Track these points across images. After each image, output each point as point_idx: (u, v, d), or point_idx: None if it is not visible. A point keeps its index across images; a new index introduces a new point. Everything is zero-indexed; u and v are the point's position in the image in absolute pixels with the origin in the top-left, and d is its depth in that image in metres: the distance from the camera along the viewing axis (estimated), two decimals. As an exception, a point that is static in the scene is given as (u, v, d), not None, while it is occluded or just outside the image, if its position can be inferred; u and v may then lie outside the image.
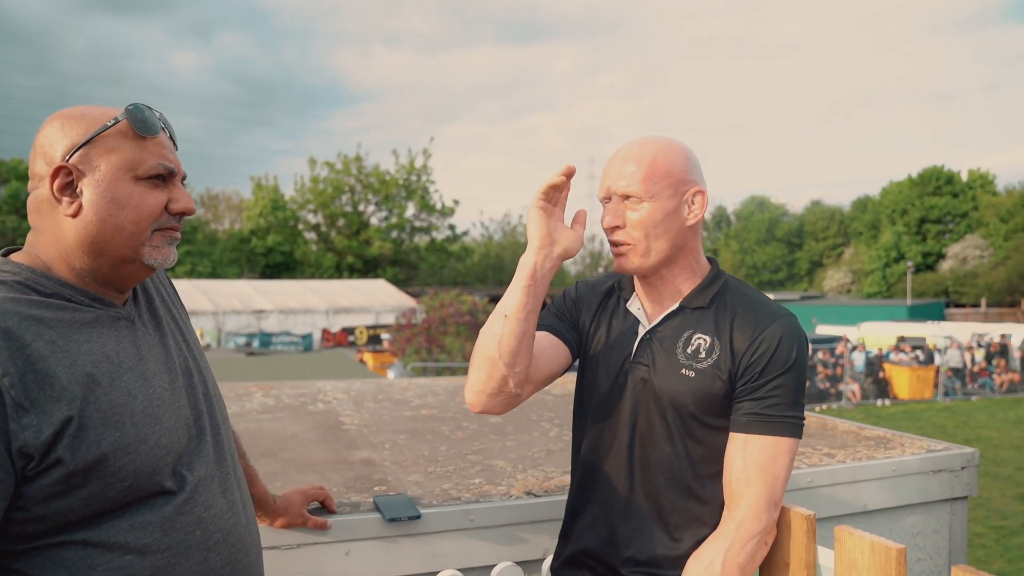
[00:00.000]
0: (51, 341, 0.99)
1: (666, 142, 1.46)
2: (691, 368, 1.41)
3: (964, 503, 2.47)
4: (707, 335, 1.43)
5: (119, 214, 1.07)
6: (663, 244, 1.43)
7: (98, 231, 1.07)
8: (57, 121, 1.09)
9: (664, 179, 1.42)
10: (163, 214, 1.11)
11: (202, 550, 1.09)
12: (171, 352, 1.18)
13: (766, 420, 1.34)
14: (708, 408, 1.40)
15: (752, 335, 1.39)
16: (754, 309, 1.43)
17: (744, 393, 1.37)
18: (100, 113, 1.09)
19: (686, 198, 1.44)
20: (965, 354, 19.07)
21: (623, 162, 1.44)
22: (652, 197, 1.41)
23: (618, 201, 1.44)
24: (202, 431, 1.16)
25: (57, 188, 1.06)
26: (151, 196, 1.10)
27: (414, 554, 1.72)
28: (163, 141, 1.13)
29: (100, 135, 1.07)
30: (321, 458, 2.29)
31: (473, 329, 17.71)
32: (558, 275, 43.25)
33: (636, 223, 1.42)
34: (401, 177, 44.62)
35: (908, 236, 52.64)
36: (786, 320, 1.41)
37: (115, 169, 1.07)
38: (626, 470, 1.46)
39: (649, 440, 1.43)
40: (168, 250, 1.13)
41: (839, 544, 1.16)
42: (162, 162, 1.11)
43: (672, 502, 1.42)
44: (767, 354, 1.37)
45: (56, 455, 0.95)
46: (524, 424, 2.87)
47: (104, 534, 1.00)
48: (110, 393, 1.02)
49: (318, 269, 41.30)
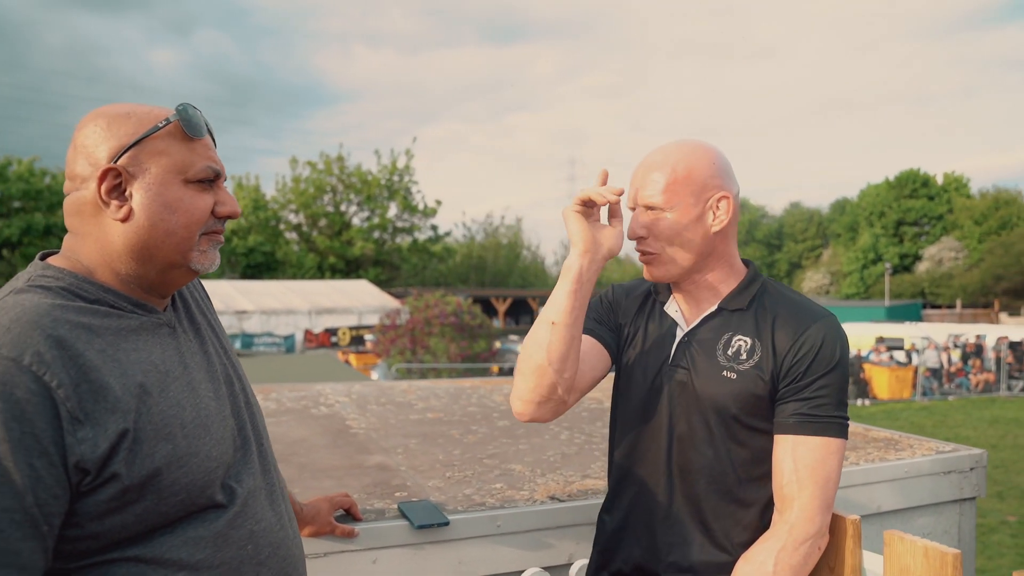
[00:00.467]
0: (101, 350, 0.95)
1: (690, 147, 1.45)
2: (732, 370, 1.41)
3: (972, 503, 2.50)
4: (747, 337, 1.42)
5: (171, 218, 1.04)
6: (687, 253, 1.43)
7: (149, 236, 1.03)
8: (101, 120, 1.04)
9: (685, 187, 1.41)
10: (210, 217, 1.09)
11: (254, 565, 1.06)
12: (212, 360, 1.15)
13: (815, 421, 1.34)
14: (751, 410, 1.40)
15: (794, 335, 1.39)
16: (795, 310, 1.43)
17: (789, 394, 1.37)
18: (147, 112, 1.05)
19: (710, 204, 1.43)
20: (942, 354, 19.35)
21: (647, 171, 1.45)
22: (674, 207, 1.41)
23: (642, 211, 1.45)
24: (247, 441, 1.13)
25: (105, 191, 1.02)
26: (200, 200, 1.07)
27: (442, 561, 1.70)
28: (208, 143, 1.10)
29: (149, 136, 1.03)
30: (335, 463, 2.26)
31: (458, 330, 17.67)
32: (540, 276, 42.98)
33: (659, 233, 1.43)
34: (383, 177, 44.41)
35: (885, 238, 53.30)
36: (828, 320, 1.41)
37: (165, 172, 1.04)
38: (665, 475, 1.45)
39: (690, 444, 1.43)
40: (214, 255, 1.11)
41: (889, 549, 1.16)
42: (210, 164, 1.08)
43: (714, 507, 1.41)
44: (811, 354, 1.37)
45: (112, 470, 0.92)
46: (534, 428, 2.85)
47: (157, 550, 0.97)
48: (160, 404, 0.99)
49: (300, 269, 40.97)
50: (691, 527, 1.42)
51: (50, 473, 0.88)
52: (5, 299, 0.94)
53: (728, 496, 1.41)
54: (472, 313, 18.34)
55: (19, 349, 0.88)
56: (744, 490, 1.42)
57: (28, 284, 0.99)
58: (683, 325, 1.50)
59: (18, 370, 0.87)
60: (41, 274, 1.01)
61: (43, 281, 1.00)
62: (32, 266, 1.05)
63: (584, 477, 2.09)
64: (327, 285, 32.25)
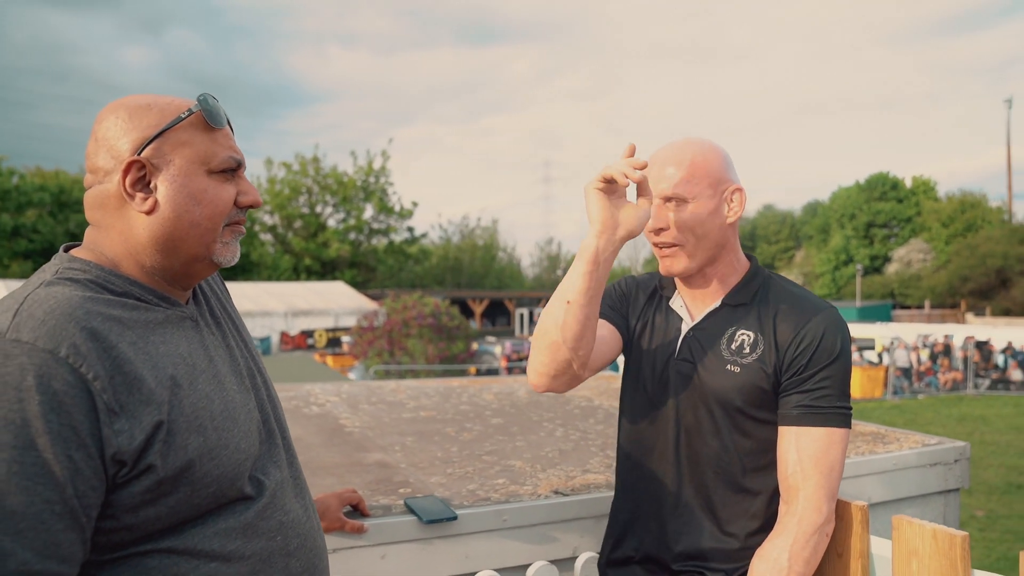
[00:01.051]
0: (132, 343, 0.95)
1: (701, 143, 1.49)
2: (736, 364, 1.44)
3: (957, 495, 2.57)
4: (751, 331, 1.46)
5: (196, 210, 1.04)
6: (707, 244, 1.47)
7: (174, 228, 1.03)
8: (122, 111, 1.04)
9: (704, 179, 1.45)
10: (232, 208, 1.09)
11: (283, 556, 1.06)
12: (234, 353, 1.15)
13: (817, 412, 1.37)
14: (754, 402, 1.43)
15: (795, 328, 1.42)
16: (796, 303, 1.47)
17: (792, 386, 1.40)
18: (168, 103, 1.05)
19: (725, 196, 1.48)
20: (911, 354, 19.72)
21: (663, 165, 1.47)
22: (694, 197, 1.44)
23: (660, 203, 1.47)
24: (271, 434, 1.14)
25: (129, 183, 1.02)
26: (224, 190, 1.07)
27: (449, 556, 1.71)
28: (228, 132, 1.11)
29: (172, 127, 1.03)
30: (334, 461, 2.26)
31: (436, 331, 17.65)
32: (516, 278, 42.84)
33: (681, 224, 1.45)
34: (359, 179, 44.20)
35: (856, 240, 54.11)
36: (829, 312, 1.45)
37: (189, 163, 1.04)
38: (674, 466, 1.48)
39: (697, 435, 1.46)
40: (235, 247, 1.11)
41: (897, 532, 1.19)
42: (232, 154, 1.08)
43: (721, 496, 1.45)
44: (812, 346, 1.40)
45: (148, 462, 0.92)
46: (528, 425, 2.88)
47: (189, 541, 0.97)
48: (190, 396, 0.99)
49: (275, 271, 40.61)
50: (700, 516, 1.45)
51: (88, 465, 0.88)
52: (37, 291, 0.94)
53: (735, 486, 1.45)
54: (450, 314, 18.33)
55: (55, 341, 0.88)
56: (750, 480, 1.45)
57: (57, 277, 0.98)
58: (688, 320, 1.54)
59: (55, 362, 0.87)
60: (68, 266, 1.01)
61: (71, 274, 0.99)
62: (57, 258, 1.04)
63: (585, 472, 2.12)
64: (303, 287, 32.00)
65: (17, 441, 0.83)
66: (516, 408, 3.30)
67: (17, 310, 0.90)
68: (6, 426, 0.83)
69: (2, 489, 0.82)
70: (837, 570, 1.33)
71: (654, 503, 1.50)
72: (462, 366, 17.60)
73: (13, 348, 0.86)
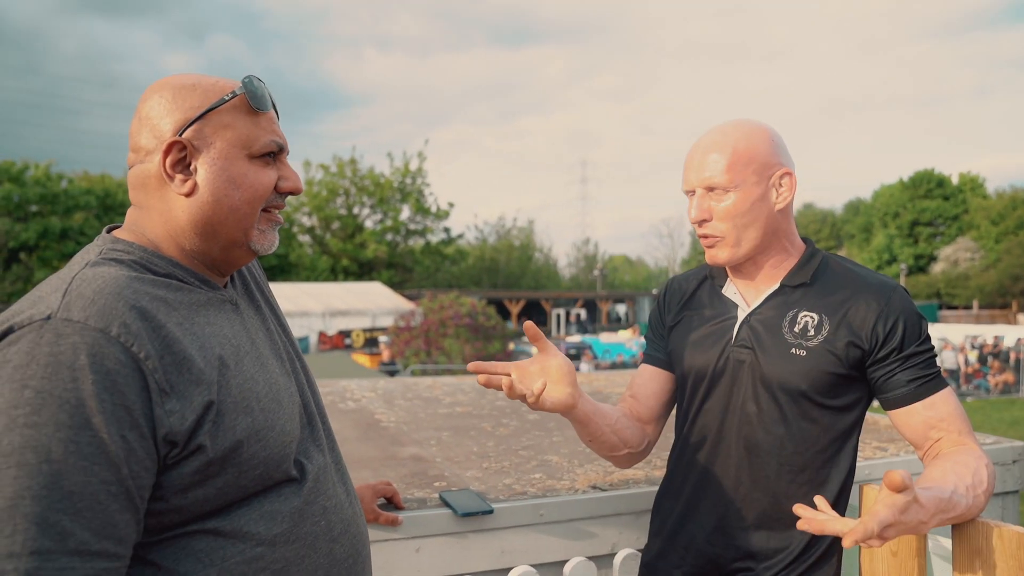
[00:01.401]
0: (179, 323, 0.94)
1: (748, 126, 1.43)
2: (802, 347, 1.38)
3: (1015, 497, 2.45)
4: (814, 312, 1.40)
5: (234, 194, 1.02)
6: (754, 232, 1.41)
7: (213, 212, 1.02)
8: (167, 91, 1.02)
9: (748, 165, 1.39)
10: (272, 192, 1.06)
11: (328, 541, 1.04)
12: (274, 337, 1.13)
13: (931, 379, 1.34)
14: (822, 388, 1.37)
15: (878, 308, 1.36)
16: (865, 282, 1.40)
17: (896, 367, 1.34)
18: (212, 84, 1.03)
19: (773, 182, 1.41)
20: (959, 355, 19.18)
21: (705, 152, 1.41)
22: (737, 186, 1.38)
23: (703, 193, 1.41)
24: (312, 418, 1.12)
25: (170, 164, 1.00)
26: (264, 175, 1.05)
27: (485, 550, 1.68)
28: (272, 116, 1.08)
29: (215, 109, 1.01)
30: (369, 455, 2.24)
31: (473, 331, 17.67)
32: (552, 278, 42.69)
33: (723, 214, 1.40)
34: (396, 180, 44.54)
35: (900, 239, 52.91)
36: (901, 289, 1.40)
37: (231, 146, 1.02)
38: (735, 458, 1.42)
39: (759, 424, 1.40)
40: (273, 235, 1.09)
41: (958, 531, 1.12)
42: (275, 139, 1.06)
43: (784, 488, 1.38)
44: (901, 325, 1.35)
45: (198, 442, 0.90)
46: (565, 421, 2.83)
47: (235, 523, 0.95)
48: (237, 377, 0.97)
49: (313, 272, 41.12)
50: (760, 510, 1.39)
51: (141, 446, 0.86)
52: (84, 271, 0.92)
53: (801, 477, 1.38)
54: (486, 314, 18.34)
55: (106, 320, 0.86)
56: (816, 471, 1.38)
57: (101, 257, 0.97)
58: (744, 306, 1.48)
59: (107, 341, 0.85)
60: (112, 247, 1.00)
61: (115, 255, 0.98)
62: (101, 239, 1.03)
63: (623, 467, 2.06)
64: (340, 287, 32.34)
65: (73, 421, 0.82)
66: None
67: (66, 290, 0.89)
68: (61, 405, 0.82)
69: (60, 469, 0.81)
70: (892, 568, 1.26)
71: (710, 496, 1.44)
72: (498, 366, 17.57)
73: (65, 327, 0.85)
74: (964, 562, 1.12)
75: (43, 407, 0.81)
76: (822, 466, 1.39)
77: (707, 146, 1.42)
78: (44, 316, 0.85)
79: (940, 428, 1.32)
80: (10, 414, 0.81)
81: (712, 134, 1.44)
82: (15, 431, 0.80)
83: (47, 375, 0.82)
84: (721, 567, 1.42)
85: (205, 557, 0.93)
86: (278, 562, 0.98)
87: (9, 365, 0.83)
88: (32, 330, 0.85)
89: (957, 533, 1.13)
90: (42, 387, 0.82)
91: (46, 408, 0.81)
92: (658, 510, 1.56)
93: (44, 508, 0.79)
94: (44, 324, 0.85)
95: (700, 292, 1.57)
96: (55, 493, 0.80)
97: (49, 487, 0.80)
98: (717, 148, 1.40)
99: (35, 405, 0.81)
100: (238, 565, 0.95)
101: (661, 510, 1.55)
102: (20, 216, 32.88)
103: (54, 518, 0.80)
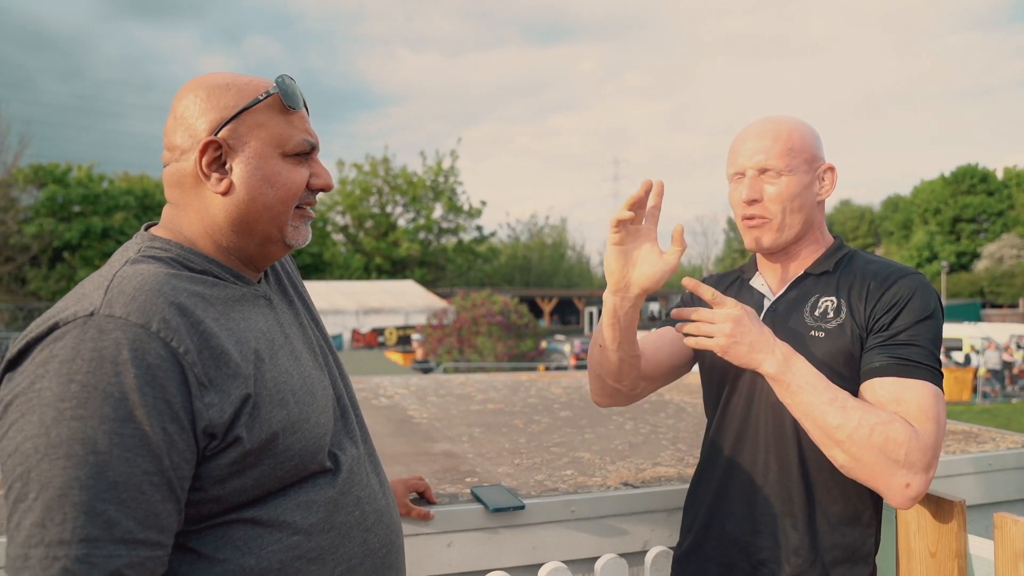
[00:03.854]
0: (216, 318, 0.96)
1: (796, 119, 1.47)
2: (820, 329, 1.38)
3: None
4: (833, 297, 1.41)
5: (269, 192, 1.04)
6: (798, 219, 1.43)
7: (248, 210, 1.04)
8: (201, 91, 1.04)
9: (801, 154, 1.42)
10: (304, 190, 1.08)
11: (362, 531, 1.06)
12: (307, 332, 1.15)
13: (906, 364, 1.26)
14: (841, 369, 1.35)
15: (880, 288, 1.35)
16: (880, 267, 1.41)
17: (877, 343, 1.31)
18: (247, 83, 1.05)
19: (818, 174, 1.46)
20: (1003, 355, 18.68)
21: (758, 137, 1.44)
22: (791, 171, 1.41)
23: (754, 176, 1.43)
24: (345, 410, 1.14)
25: (206, 164, 1.02)
26: (297, 173, 1.06)
27: (516, 546, 1.68)
28: (304, 115, 1.10)
29: (249, 109, 1.03)
30: (402, 450, 2.26)
31: (505, 329, 17.69)
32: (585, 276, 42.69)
33: (775, 196, 1.42)
34: (428, 179, 44.77)
35: (941, 236, 51.74)
36: (918, 276, 1.37)
37: (265, 145, 1.04)
38: (762, 445, 1.42)
39: (782, 410, 1.39)
40: (306, 230, 1.11)
41: (1000, 532, 1.10)
42: (307, 138, 1.08)
43: (808, 475, 1.37)
44: (899, 304, 1.32)
45: (235, 434, 0.92)
46: (597, 418, 2.83)
47: (272, 513, 0.98)
48: (272, 371, 0.99)
49: (347, 270, 41.54)
50: (787, 497, 1.38)
51: (182, 438, 0.89)
52: (124, 269, 0.95)
53: (824, 462, 1.36)
54: (519, 312, 18.35)
55: (146, 316, 0.89)
56: None
57: (140, 255, 1.00)
58: (770, 295, 1.50)
59: (148, 336, 0.88)
60: (150, 245, 1.02)
61: (153, 252, 1.01)
62: (139, 237, 1.06)
63: (655, 464, 2.05)
64: (374, 285, 32.61)
65: (117, 413, 0.84)
66: (585, 401, 3.25)
67: (108, 287, 0.91)
68: (105, 399, 0.84)
69: (105, 460, 0.83)
70: (930, 570, 1.23)
71: (738, 484, 1.44)
72: (531, 364, 17.59)
73: (107, 323, 0.87)
74: (1007, 564, 1.09)
75: (88, 400, 0.83)
76: None
77: (760, 132, 1.44)
78: (88, 312, 0.88)
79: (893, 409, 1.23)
80: (58, 407, 0.83)
81: (763, 123, 1.46)
82: (63, 424, 0.83)
83: (91, 369, 0.84)
84: (751, 556, 1.41)
85: (243, 545, 0.95)
86: (314, 551, 1.00)
87: (56, 360, 0.85)
88: (76, 326, 0.87)
89: (999, 535, 1.10)
90: (87, 381, 0.84)
91: (91, 401, 0.83)
92: (689, 505, 1.56)
93: (92, 497, 0.82)
94: (88, 320, 0.87)
95: (731, 289, 1.59)
96: (101, 483, 0.83)
97: (96, 477, 0.82)
98: (772, 134, 1.43)
99: (81, 398, 0.83)
100: (275, 553, 0.97)
101: (693, 504, 1.55)
102: (64, 216, 33.75)
103: (101, 507, 0.82)
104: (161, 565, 0.87)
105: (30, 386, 0.84)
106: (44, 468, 0.82)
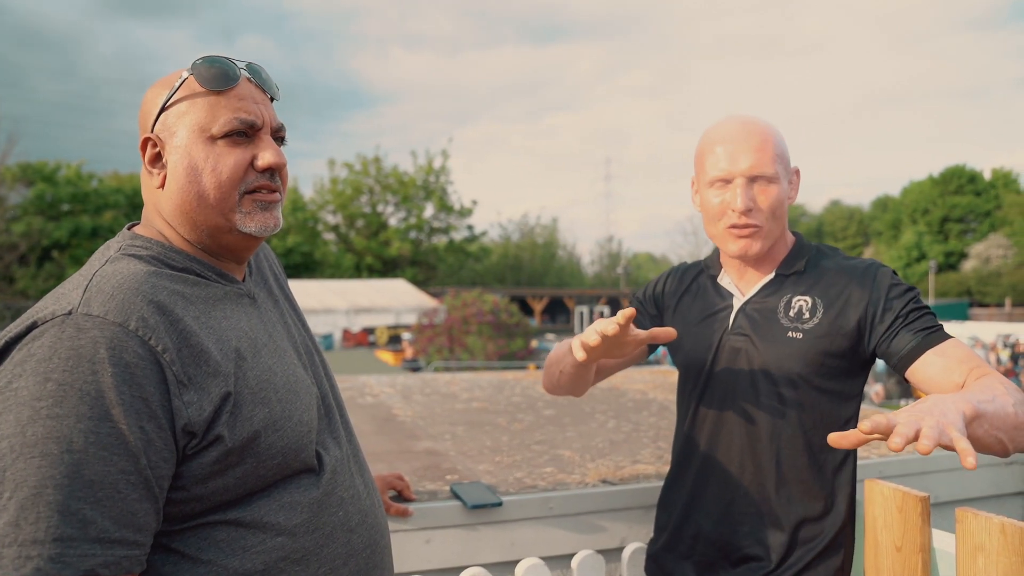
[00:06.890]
0: (196, 317, 0.96)
1: (766, 121, 1.46)
2: (797, 330, 1.40)
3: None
4: (807, 296, 1.42)
5: (199, 180, 1.01)
6: (780, 224, 1.45)
7: (181, 201, 1.02)
8: (152, 89, 1.05)
9: (782, 159, 1.44)
10: (250, 173, 1.03)
11: (346, 531, 1.06)
12: (291, 331, 1.15)
13: (935, 331, 1.31)
14: (818, 369, 1.38)
15: (869, 288, 1.38)
16: (853, 266, 1.44)
17: (896, 328, 1.34)
18: (175, 75, 1.05)
19: (790, 177, 1.47)
20: (990, 354, 18.83)
21: (745, 142, 1.39)
22: (780, 178, 1.42)
23: (745, 183, 1.39)
24: (330, 410, 1.14)
25: (148, 161, 1.03)
26: (229, 156, 1.01)
27: (494, 542, 1.70)
28: (243, 92, 1.04)
29: (175, 99, 1.02)
30: (384, 448, 2.28)
31: (496, 328, 17.72)
32: (576, 276, 42.59)
33: (768, 204, 1.41)
34: (420, 178, 44.75)
35: (930, 235, 52.06)
36: (885, 267, 1.42)
37: (190, 132, 1.01)
38: (736, 444, 1.43)
39: (758, 410, 1.41)
40: (263, 216, 1.05)
41: (961, 526, 1.12)
42: (238, 116, 1.02)
43: (783, 474, 1.40)
44: (891, 289, 1.37)
45: (216, 432, 0.92)
46: (580, 416, 2.85)
47: (255, 514, 0.97)
48: (254, 369, 0.99)
49: (338, 269, 41.47)
50: (765, 496, 1.40)
51: (160, 436, 0.88)
52: (104, 268, 0.96)
53: (800, 460, 1.39)
54: (509, 312, 18.37)
55: (124, 314, 0.89)
56: (814, 456, 1.39)
57: (121, 253, 1.00)
58: (739, 295, 1.50)
59: (125, 335, 0.88)
60: (131, 243, 1.03)
61: (134, 250, 1.01)
62: (121, 235, 1.06)
63: (635, 462, 2.08)
64: (365, 285, 32.58)
65: (93, 412, 0.84)
66: (569, 400, 3.27)
67: (87, 286, 0.92)
68: (82, 398, 0.84)
69: (80, 459, 0.83)
70: (896, 564, 1.26)
71: (714, 485, 1.45)
72: (521, 363, 17.61)
73: (85, 322, 0.87)
74: (967, 557, 1.12)
75: (65, 399, 0.84)
76: (818, 451, 1.40)
77: (744, 136, 1.40)
78: (65, 311, 0.88)
79: (960, 371, 1.25)
80: (34, 406, 0.83)
81: (744, 125, 1.42)
82: (39, 422, 0.83)
83: (68, 368, 0.85)
84: (729, 555, 1.43)
85: (227, 547, 0.95)
86: (298, 552, 1.00)
87: (33, 359, 0.86)
88: (54, 325, 0.87)
89: (960, 529, 1.13)
90: (64, 380, 0.84)
91: (68, 400, 0.84)
92: (664, 503, 1.57)
93: (67, 496, 0.82)
94: (65, 319, 0.88)
95: (695, 284, 1.59)
96: (77, 482, 0.83)
97: (71, 476, 0.82)
98: (758, 139, 1.40)
99: (57, 397, 0.84)
100: (259, 555, 0.96)
101: (667, 503, 1.56)
102: (52, 215, 33.57)
103: (76, 506, 0.82)
104: (138, 565, 0.87)
105: (7, 385, 0.85)
106: (19, 467, 0.81)
